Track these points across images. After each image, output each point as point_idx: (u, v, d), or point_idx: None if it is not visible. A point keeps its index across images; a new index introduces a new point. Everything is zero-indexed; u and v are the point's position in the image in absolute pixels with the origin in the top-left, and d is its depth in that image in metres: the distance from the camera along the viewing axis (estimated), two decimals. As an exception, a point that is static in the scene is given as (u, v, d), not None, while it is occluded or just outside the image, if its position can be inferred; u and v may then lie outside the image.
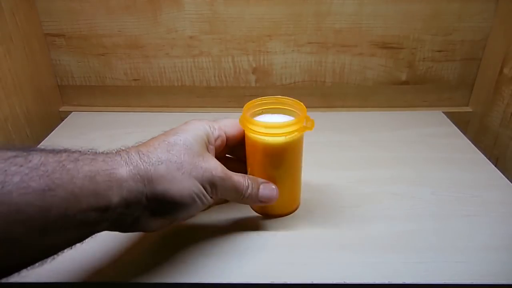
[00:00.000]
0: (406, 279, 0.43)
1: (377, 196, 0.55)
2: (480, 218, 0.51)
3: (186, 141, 0.41)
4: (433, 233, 0.49)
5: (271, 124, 0.45)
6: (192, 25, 0.74)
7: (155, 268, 0.44)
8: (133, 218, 0.37)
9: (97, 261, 0.45)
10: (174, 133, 0.42)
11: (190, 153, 0.40)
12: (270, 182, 0.48)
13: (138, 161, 0.37)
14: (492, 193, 0.56)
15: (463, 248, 0.47)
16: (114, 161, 0.36)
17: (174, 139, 0.41)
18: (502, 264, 0.45)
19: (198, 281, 0.43)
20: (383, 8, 0.73)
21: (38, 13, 0.74)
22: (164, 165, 0.38)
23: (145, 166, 0.37)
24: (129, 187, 0.36)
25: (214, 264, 0.44)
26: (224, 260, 0.45)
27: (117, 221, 0.36)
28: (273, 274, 0.43)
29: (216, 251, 0.46)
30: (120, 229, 0.38)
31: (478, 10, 0.73)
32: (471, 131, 0.81)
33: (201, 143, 0.42)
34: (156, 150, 0.39)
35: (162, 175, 0.38)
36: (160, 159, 0.38)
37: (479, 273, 0.44)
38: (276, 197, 0.48)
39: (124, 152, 0.38)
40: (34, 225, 0.30)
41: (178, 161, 0.39)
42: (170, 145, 0.40)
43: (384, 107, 0.81)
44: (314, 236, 0.48)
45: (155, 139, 0.41)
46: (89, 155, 0.36)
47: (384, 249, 0.47)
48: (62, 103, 0.83)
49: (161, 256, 0.45)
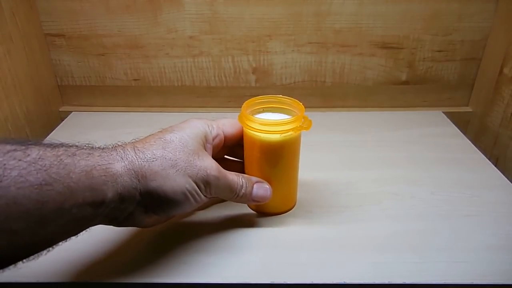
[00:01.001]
0: (406, 279, 0.43)
1: (377, 196, 0.55)
2: (480, 218, 0.51)
3: (182, 139, 0.41)
4: (433, 233, 0.49)
5: (267, 122, 0.46)
6: (192, 25, 0.74)
7: (154, 268, 0.44)
8: (127, 213, 0.38)
9: (92, 261, 0.45)
10: (170, 131, 0.42)
11: (186, 151, 0.40)
12: (265, 182, 0.48)
13: (133, 157, 0.38)
14: (492, 193, 0.56)
15: (463, 248, 0.47)
16: (110, 156, 0.37)
17: (170, 137, 0.41)
18: (502, 264, 0.45)
19: (197, 281, 0.42)
20: (383, 8, 0.73)
21: (38, 13, 0.74)
22: (158, 162, 0.38)
23: (140, 162, 0.38)
24: (124, 182, 0.36)
25: (213, 263, 0.44)
26: (223, 259, 0.45)
27: (111, 216, 0.37)
28: (273, 274, 0.43)
29: (214, 250, 0.46)
30: (114, 223, 0.39)
31: (478, 10, 0.73)
32: (471, 131, 0.81)
33: (198, 141, 0.42)
34: (152, 146, 0.39)
35: (156, 171, 0.38)
36: (155, 155, 0.39)
37: (479, 273, 0.44)
38: (269, 197, 0.48)
39: (120, 148, 0.39)
40: (30, 218, 0.30)
41: (172, 158, 0.39)
42: (165, 142, 0.40)
43: (384, 107, 0.81)
44: (314, 236, 0.48)
45: (151, 136, 0.41)
46: (86, 149, 0.36)
47: (384, 249, 0.47)
48: (62, 103, 0.83)
49: (159, 255, 0.45)
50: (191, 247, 0.47)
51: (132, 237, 0.48)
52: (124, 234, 0.48)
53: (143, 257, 0.45)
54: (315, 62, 0.78)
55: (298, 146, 0.49)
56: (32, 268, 0.43)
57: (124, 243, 0.47)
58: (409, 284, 0.42)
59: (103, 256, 0.45)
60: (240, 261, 0.45)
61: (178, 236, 0.48)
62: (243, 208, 0.53)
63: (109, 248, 0.46)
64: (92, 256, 0.45)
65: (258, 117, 0.48)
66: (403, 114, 0.78)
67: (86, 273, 0.43)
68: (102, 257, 0.45)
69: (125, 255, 0.45)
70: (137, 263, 0.44)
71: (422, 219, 0.51)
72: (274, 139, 0.46)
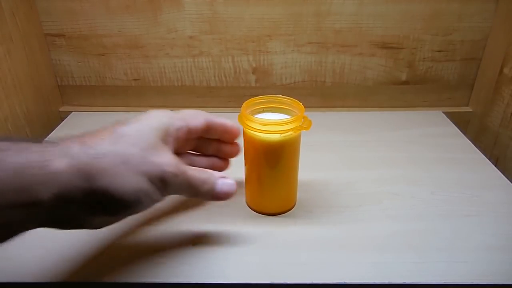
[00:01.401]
0: (406, 279, 0.43)
1: (377, 196, 0.55)
2: (480, 218, 0.51)
3: (138, 132, 0.36)
4: (433, 233, 0.49)
5: (267, 122, 0.46)
6: (192, 25, 0.74)
7: (155, 268, 0.44)
8: (70, 215, 0.34)
9: (92, 260, 0.45)
10: (126, 123, 0.37)
11: (141, 145, 0.36)
12: (229, 177, 0.42)
13: (79, 153, 0.33)
14: (492, 193, 0.56)
15: (463, 248, 0.47)
16: (49, 152, 0.32)
17: (124, 130, 0.36)
18: (502, 264, 0.45)
19: (198, 281, 0.42)
20: (383, 8, 0.73)
21: (38, 13, 0.74)
22: (107, 158, 0.34)
23: (86, 158, 0.33)
24: (64, 181, 0.32)
25: (213, 263, 0.44)
26: (224, 259, 0.45)
27: (52, 218, 0.33)
28: (273, 274, 0.43)
29: (214, 250, 0.46)
30: (58, 227, 0.34)
31: (478, 10, 0.73)
32: (471, 131, 0.81)
33: (156, 135, 0.38)
34: (103, 141, 0.35)
35: (104, 168, 0.33)
36: (104, 151, 0.34)
37: (479, 273, 0.44)
38: (233, 192, 0.41)
39: (64, 143, 0.34)
40: None
41: (125, 154, 0.34)
42: (118, 136, 0.35)
43: (384, 107, 0.81)
44: (314, 236, 0.48)
45: (104, 129, 0.37)
46: (24, 144, 0.32)
47: (384, 249, 0.47)
48: (62, 103, 0.83)
49: (159, 255, 0.45)
50: (191, 246, 0.47)
51: (132, 237, 0.48)
52: (124, 234, 0.48)
53: (143, 257, 0.45)
54: (315, 62, 0.78)
55: (298, 146, 0.49)
56: (32, 268, 0.43)
57: (124, 243, 0.47)
58: (409, 284, 0.42)
59: (103, 256, 0.45)
60: (240, 261, 0.45)
61: (178, 236, 0.48)
62: (243, 208, 0.53)
63: (109, 248, 0.46)
64: (92, 256, 0.45)
65: (258, 117, 0.48)
66: (403, 114, 0.78)
67: (86, 273, 0.43)
68: (102, 257, 0.45)
69: (125, 255, 0.45)
70: (137, 263, 0.44)
71: (422, 219, 0.51)
72: (274, 139, 0.46)
